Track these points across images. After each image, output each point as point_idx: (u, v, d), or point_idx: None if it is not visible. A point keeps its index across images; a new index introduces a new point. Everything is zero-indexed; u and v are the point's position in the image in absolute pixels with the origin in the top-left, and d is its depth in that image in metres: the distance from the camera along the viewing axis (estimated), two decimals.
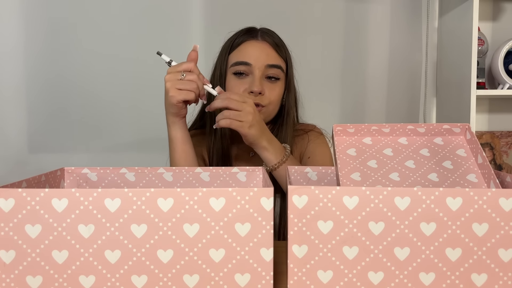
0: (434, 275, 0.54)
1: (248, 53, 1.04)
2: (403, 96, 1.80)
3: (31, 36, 1.64)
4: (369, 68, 1.77)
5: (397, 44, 1.78)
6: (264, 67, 1.03)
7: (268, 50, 1.05)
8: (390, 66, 1.78)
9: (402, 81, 1.80)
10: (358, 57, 1.76)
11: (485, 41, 1.67)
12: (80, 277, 0.54)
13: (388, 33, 1.77)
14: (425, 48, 1.79)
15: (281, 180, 0.97)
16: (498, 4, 1.79)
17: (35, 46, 1.64)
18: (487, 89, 1.58)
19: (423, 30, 1.80)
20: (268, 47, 1.05)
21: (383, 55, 1.77)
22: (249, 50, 1.04)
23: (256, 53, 1.04)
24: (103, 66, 1.67)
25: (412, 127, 0.73)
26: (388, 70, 1.78)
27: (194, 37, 1.69)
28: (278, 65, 1.05)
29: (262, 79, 1.04)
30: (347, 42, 1.75)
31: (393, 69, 1.78)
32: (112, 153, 1.69)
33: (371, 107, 1.78)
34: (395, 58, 1.78)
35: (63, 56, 1.65)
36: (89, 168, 0.78)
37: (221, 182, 0.78)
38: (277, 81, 1.06)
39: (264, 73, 1.04)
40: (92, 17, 1.66)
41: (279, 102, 1.08)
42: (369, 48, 1.77)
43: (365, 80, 1.77)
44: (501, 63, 1.57)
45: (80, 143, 1.68)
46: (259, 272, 0.54)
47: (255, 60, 1.03)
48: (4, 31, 1.63)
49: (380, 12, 1.76)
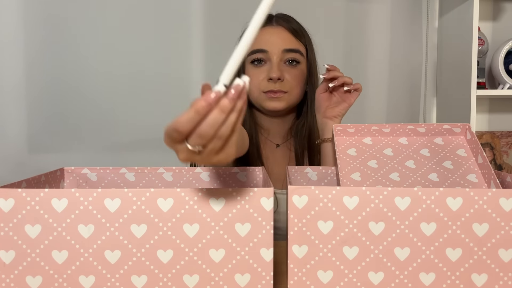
0: (434, 275, 0.54)
1: (264, 40, 1.01)
2: (403, 96, 1.80)
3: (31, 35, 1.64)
4: (369, 68, 1.77)
5: (397, 44, 1.78)
6: (281, 52, 1.00)
7: (284, 35, 1.02)
8: (390, 66, 1.78)
9: (402, 81, 1.80)
10: (358, 57, 1.76)
11: (485, 41, 1.67)
12: (80, 277, 0.54)
13: (388, 33, 1.77)
14: (425, 48, 1.79)
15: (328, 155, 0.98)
16: (498, 4, 1.79)
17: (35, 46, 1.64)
18: (487, 89, 1.57)
19: (423, 30, 1.79)
20: (284, 32, 1.02)
21: (383, 55, 1.77)
22: (265, 37, 1.01)
23: (272, 39, 1.01)
24: (103, 66, 1.67)
25: (412, 127, 0.73)
26: (388, 70, 1.78)
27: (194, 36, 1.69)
28: (296, 49, 1.02)
29: (280, 64, 1.00)
30: (347, 42, 1.75)
31: (393, 69, 1.78)
32: (112, 153, 1.69)
33: (371, 107, 1.78)
34: (395, 58, 1.78)
35: (63, 56, 1.65)
36: (89, 168, 0.78)
37: (221, 182, 0.78)
38: (297, 65, 1.02)
39: (283, 58, 1.01)
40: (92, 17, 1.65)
41: (302, 87, 1.04)
42: (369, 48, 1.76)
43: (365, 80, 1.76)
44: (501, 63, 1.57)
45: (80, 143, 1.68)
46: (259, 272, 0.54)
47: (272, 46, 1.00)
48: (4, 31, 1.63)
49: (380, 12, 1.76)
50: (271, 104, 1.01)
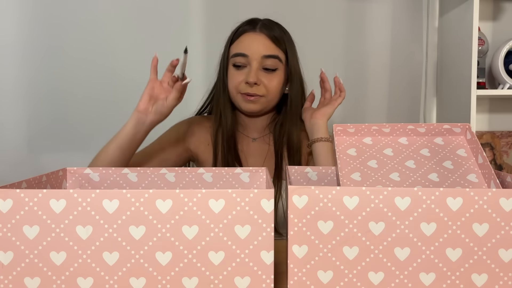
0: (434, 275, 0.54)
1: (246, 45, 1.08)
2: (403, 96, 1.80)
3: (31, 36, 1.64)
4: (370, 67, 1.76)
5: (398, 44, 1.77)
6: (260, 58, 1.07)
7: (264, 41, 1.08)
8: (391, 66, 1.77)
9: (403, 81, 1.79)
10: (358, 57, 1.76)
11: (485, 41, 1.67)
12: (78, 279, 0.54)
13: (389, 33, 1.77)
14: (425, 48, 1.78)
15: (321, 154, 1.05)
16: (498, 4, 1.79)
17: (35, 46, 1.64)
18: (487, 89, 1.57)
19: (423, 30, 1.79)
20: (265, 39, 1.08)
21: (384, 55, 1.77)
22: (247, 42, 1.08)
23: (253, 45, 1.08)
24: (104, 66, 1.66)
25: (413, 127, 0.73)
26: (388, 70, 1.77)
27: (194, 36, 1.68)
28: (274, 55, 1.08)
29: (258, 70, 1.07)
30: (347, 42, 1.75)
31: (394, 69, 1.78)
32: None
33: (372, 107, 1.78)
34: (396, 58, 1.77)
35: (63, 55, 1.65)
36: (91, 169, 0.77)
37: (224, 183, 0.78)
38: (274, 72, 1.09)
39: (262, 63, 1.07)
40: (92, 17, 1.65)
41: (278, 92, 1.11)
42: (370, 48, 1.76)
43: (365, 80, 1.76)
44: (501, 63, 1.56)
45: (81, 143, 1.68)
46: (260, 275, 0.54)
47: (252, 51, 1.07)
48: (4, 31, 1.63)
49: (380, 12, 1.75)
50: (247, 106, 1.09)
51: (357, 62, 1.76)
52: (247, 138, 1.18)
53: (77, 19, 1.65)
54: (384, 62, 1.77)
